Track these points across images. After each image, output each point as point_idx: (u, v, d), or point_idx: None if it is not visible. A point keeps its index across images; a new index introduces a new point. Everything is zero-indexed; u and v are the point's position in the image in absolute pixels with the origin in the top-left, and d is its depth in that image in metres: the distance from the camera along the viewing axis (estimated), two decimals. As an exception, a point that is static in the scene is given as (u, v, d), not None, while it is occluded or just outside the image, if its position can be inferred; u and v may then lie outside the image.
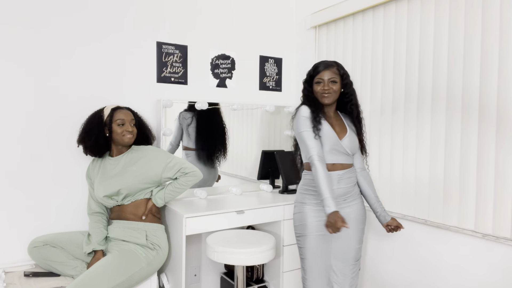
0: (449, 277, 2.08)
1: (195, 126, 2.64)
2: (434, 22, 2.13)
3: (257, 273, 2.71)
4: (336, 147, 1.93)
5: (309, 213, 1.95)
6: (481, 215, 1.93)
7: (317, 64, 1.97)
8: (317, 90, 1.95)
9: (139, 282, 2.06)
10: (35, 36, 2.22)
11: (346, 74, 1.99)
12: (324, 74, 1.93)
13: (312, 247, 1.94)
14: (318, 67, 1.96)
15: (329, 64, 1.95)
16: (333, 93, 1.93)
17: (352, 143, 1.97)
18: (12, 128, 2.20)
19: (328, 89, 1.92)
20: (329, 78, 1.92)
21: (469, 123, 1.97)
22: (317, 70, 1.96)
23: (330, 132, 1.92)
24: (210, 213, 2.26)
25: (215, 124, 2.73)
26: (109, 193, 2.13)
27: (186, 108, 2.62)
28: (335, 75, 1.94)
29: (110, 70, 2.44)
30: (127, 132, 2.15)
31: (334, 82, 1.93)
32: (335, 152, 1.94)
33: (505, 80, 1.82)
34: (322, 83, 1.93)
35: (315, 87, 1.96)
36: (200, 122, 2.66)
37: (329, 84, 1.92)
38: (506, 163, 1.83)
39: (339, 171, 1.95)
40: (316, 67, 1.97)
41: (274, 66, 3.08)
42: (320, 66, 1.95)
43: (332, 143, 1.92)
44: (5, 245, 2.20)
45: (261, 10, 3.00)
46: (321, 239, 1.94)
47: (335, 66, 1.96)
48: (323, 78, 1.93)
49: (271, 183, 2.98)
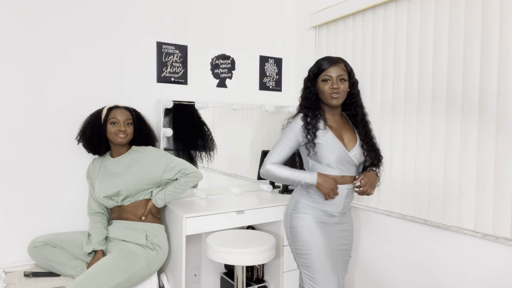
0: (449, 277, 2.08)
1: (172, 127, 2.57)
2: (434, 22, 2.13)
3: (257, 273, 2.71)
4: (345, 158, 1.73)
5: (314, 227, 1.75)
6: (481, 215, 1.93)
7: (321, 60, 1.73)
8: (324, 90, 1.70)
9: (139, 282, 2.06)
10: (35, 36, 2.22)
11: (353, 72, 1.77)
12: (331, 71, 1.69)
13: (324, 262, 1.72)
14: (323, 63, 1.72)
15: (335, 59, 1.71)
16: (342, 93, 1.71)
17: (361, 152, 1.78)
18: (12, 128, 2.19)
19: (337, 88, 1.68)
20: (338, 76, 1.69)
21: (469, 123, 1.97)
22: (322, 67, 1.71)
23: (334, 142, 1.71)
24: (210, 213, 2.25)
25: (191, 122, 2.64)
26: (109, 193, 2.13)
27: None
28: (344, 72, 1.71)
29: (110, 70, 2.44)
30: (120, 132, 2.14)
31: (343, 80, 1.71)
32: (344, 163, 1.74)
33: (505, 80, 1.82)
34: (330, 81, 1.70)
35: (321, 86, 1.72)
36: (176, 122, 2.59)
37: (338, 82, 1.69)
38: (506, 163, 1.83)
39: (349, 185, 1.77)
40: (320, 63, 1.73)
41: (274, 66, 3.08)
42: (325, 62, 1.71)
43: (339, 154, 1.71)
44: (5, 245, 2.20)
45: (261, 10, 3.00)
46: (330, 252, 1.76)
47: (342, 62, 1.73)
48: (331, 75, 1.69)
49: (271, 183, 2.98)
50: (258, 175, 2.93)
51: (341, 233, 1.86)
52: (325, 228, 1.79)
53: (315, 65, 1.76)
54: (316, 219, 1.78)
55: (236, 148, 2.85)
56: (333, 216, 1.81)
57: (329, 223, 1.81)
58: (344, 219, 1.87)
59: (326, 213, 1.80)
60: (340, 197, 1.77)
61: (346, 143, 1.76)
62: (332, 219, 1.82)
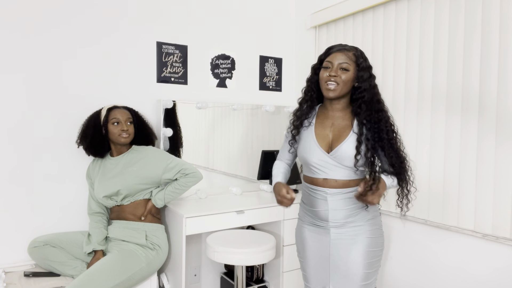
0: (449, 277, 2.08)
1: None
2: (434, 22, 2.13)
3: (257, 273, 2.71)
4: (324, 159, 1.53)
5: (306, 235, 1.66)
6: (480, 215, 1.93)
7: (332, 45, 1.55)
8: (322, 77, 1.51)
9: (139, 282, 2.06)
10: (39, 39, 2.22)
11: (365, 64, 1.51)
12: (334, 57, 1.49)
13: (311, 274, 1.67)
14: (331, 47, 1.54)
15: (345, 47, 1.51)
16: (340, 84, 1.48)
17: (351, 151, 1.50)
18: (12, 128, 2.20)
19: (335, 77, 1.47)
20: (339, 63, 1.48)
21: (469, 123, 1.97)
22: (329, 51, 1.53)
23: (310, 143, 1.55)
24: (210, 213, 2.25)
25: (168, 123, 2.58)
26: (108, 193, 2.13)
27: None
28: (349, 60, 1.49)
29: (110, 71, 2.44)
30: (122, 131, 2.15)
31: (344, 69, 1.48)
32: (327, 165, 1.53)
33: (505, 80, 1.82)
34: (330, 68, 1.50)
35: (321, 73, 1.52)
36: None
37: (337, 70, 1.48)
38: (506, 163, 1.83)
39: (332, 189, 1.54)
40: (329, 48, 1.54)
41: (274, 66, 3.08)
42: (335, 47, 1.52)
43: (318, 156, 1.53)
44: (5, 245, 2.20)
45: (261, 10, 3.00)
46: (320, 266, 1.63)
47: (353, 50, 1.51)
48: (331, 61, 1.49)
49: (271, 183, 2.98)
50: (258, 175, 2.93)
51: (338, 245, 1.58)
52: (318, 237, 1.63)
53: (325, 50, 1.57)
54: (312, 225, 1.65)
55: (236, 148, 2.85)
56: (324, 226, 1.61)
57: (322, 233, 1.62)
58: (349, 227, 1.57)
59: (316, 219, 1.63)
60: (322, 203, 1.57)
61: (333, 142, 1.54)
62: (324, 228, 1.61)
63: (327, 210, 1.56)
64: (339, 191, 1.55)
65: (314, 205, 1.62)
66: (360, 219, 1.58)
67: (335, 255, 1.59)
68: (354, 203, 1.56)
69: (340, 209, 1.56)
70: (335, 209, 1.56)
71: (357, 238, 1.56)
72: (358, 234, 1.56)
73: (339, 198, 1.55)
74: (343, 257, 1.57)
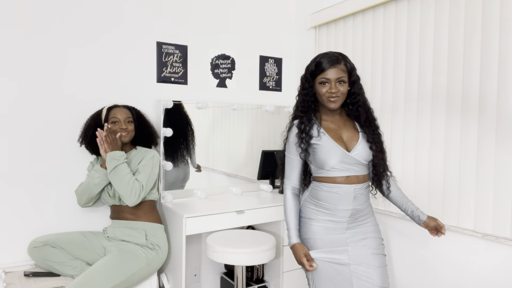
0: (449, 277, 2.08)
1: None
2: (434, 22, 2.13)
3: (257, 273, 2.71)
4: (346, 159, 1.62)
5: (318, 231, 1.66)
6: (480, 215, 1.93)
7: (320, 59, 1.62)
8: (322, 93, 1.62)
9: (138, 282, 2.06)
10: (38, 38, 2.22)
11: (354, 69, 1.65)
12: (330, 73, 1.59)
13: (323, 275, 1.63)
14: (321, 62, 1.60)
15: (335, 59, 1.60)
16: (341, 96, 1.62)
17: (367, 150, 1.66)
18: (12, 128, 2.20)
19: (336, 92, 1.59)
20: (337, 78, 1.59)
21: (469, 123, 1.97)
22: (320, 67, 1.60)
23: (332, 146, 1.62)
24: (210, 213, 2.26)
25: (178, 121, 2.60)
26: (107, 190, 2.14)
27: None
28: (343, 73, 1.60)
29: (110, 71, 2.44)
30: (121, 130, 2.15)
31: (342, 82, 1.61)
32: (347, 163, 1.63)
33: (505, 80, 1.82)
34: (328, 84, 1.60)
35: (318, 88, 1.63)
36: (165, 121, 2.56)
37: (336, 85, 1.60)
38: (506, 163, 1.83)
39: (356, 185, 1.64)
40: (319, 62, 1.61)
41: (274, 66, 3.08)
42: (324, 61, 1.60)
43: (339, 157, 1.62)
44: (5, 245, 2.20)
45: (261, 10, 3.00)
46: (334, 265, 1.63)
47: (342, 61, 1.61)
48: (329, 78, 1.59)
49: (271, 183, 2.98)
50: (258, 175, 2.93)
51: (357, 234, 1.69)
52: (333, 231, 1.68)
53: (313, 62, 1.64)
54: (326, 222, 1.68)
55: (236, 148, 2.85)
56: (340, 221, 1.67)
57: (338, 227, 1.68)
58: (358, 223, 1.69)
59: (333, 216, 1.68)
60: (346, 200, 1.64)
61: (347, 143, 1.65)
62: (341, 223, 1.68)
63: (350, 203, 1.65)
64: (361, 186, 1.67)
65: (334, 202, 1.66)
66: (369, 211, 1.76)
67: (352, 244, 1.67)
68: (367, 196, 1.73)
69: (361, 202, 1.69)
70: (358, 201, 1.67)
71: (368, 226, 1.72)
72: (368, 222, 1.73)
73: (361, 192, 1.68)
74: (360, 238, 1.68)
